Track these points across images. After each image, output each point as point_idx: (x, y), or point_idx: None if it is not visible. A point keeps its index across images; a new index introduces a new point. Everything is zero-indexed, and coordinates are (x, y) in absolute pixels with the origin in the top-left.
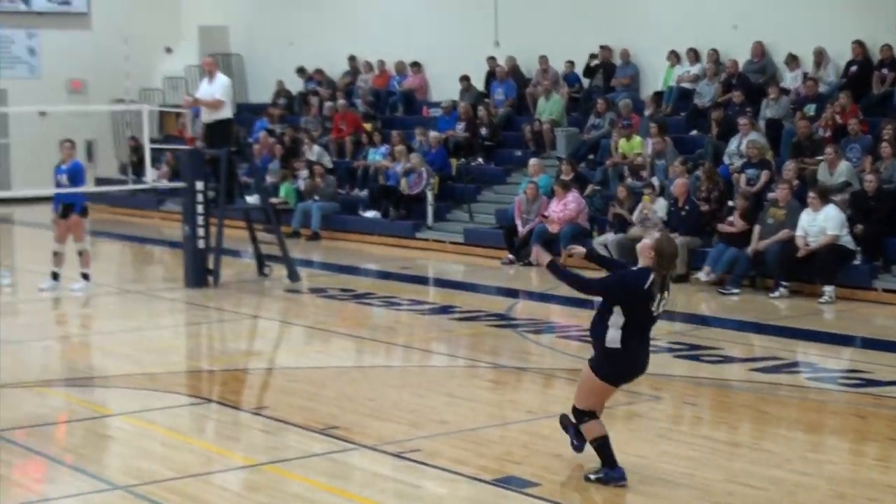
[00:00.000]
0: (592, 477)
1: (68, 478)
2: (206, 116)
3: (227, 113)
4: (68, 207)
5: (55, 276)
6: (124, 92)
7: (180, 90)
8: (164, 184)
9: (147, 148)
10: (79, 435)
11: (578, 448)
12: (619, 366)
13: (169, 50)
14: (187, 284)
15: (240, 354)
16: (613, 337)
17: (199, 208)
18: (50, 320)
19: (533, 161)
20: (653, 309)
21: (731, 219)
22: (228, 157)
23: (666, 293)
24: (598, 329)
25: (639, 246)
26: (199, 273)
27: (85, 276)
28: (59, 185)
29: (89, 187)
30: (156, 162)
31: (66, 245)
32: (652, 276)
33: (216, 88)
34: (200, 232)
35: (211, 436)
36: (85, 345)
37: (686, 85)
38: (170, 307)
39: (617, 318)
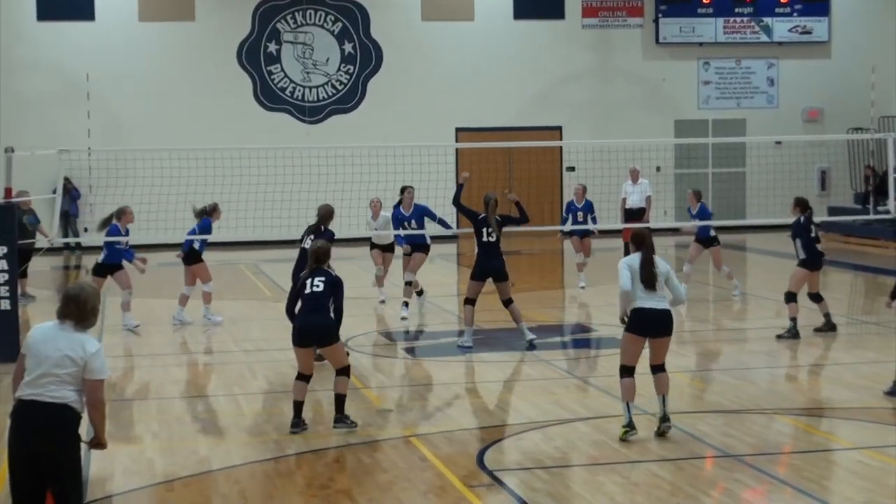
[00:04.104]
0: None
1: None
2: None
3: None
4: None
5: None
6: (868, 120)
7: None
8: None
9: (891, 178)
10: (813, 463)
11: None
12: None
13: None
14: None
15: None
16: None
17: None
18: (780, 349)
19: None
20: None
21: None
22: None
23: None
24: None
25: None
26: None
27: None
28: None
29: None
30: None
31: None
32: None
33: None
34: None
35: None
36: (818, 375)
37: None
38: None
39: None
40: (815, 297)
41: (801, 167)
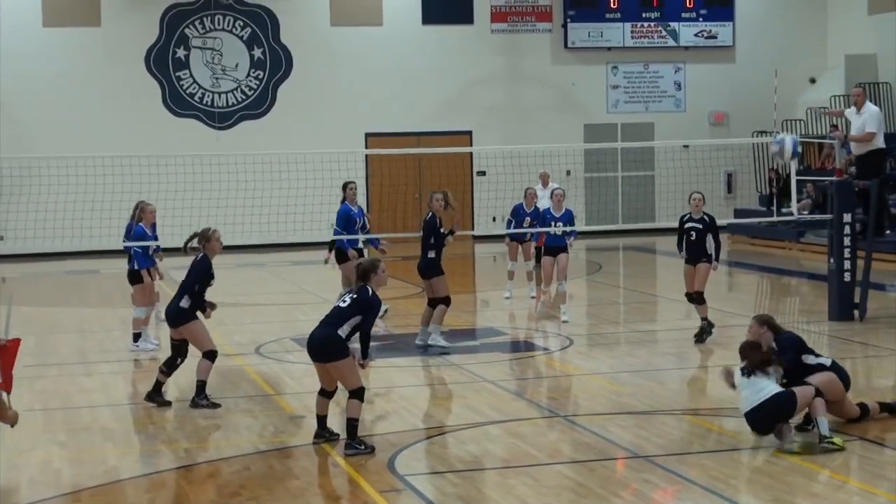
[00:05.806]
0: None
1: (703, 500)
2: (857, 149)
3: (878, 143)
4: None
5: None
6: (772, 124)
7: (823, 121)
8: (807, 215)
9: (793, 179)
10: (721, 463)
11: None
12: None
13: (813, 80)
14: (831, 318)
15: (887, 390)
16: None
17: (846, 241)
18: (690, 351)
19: None
20: None
21: None
22: (879, 188)
23: None
24: None
25: None
26: (845, 307)
27: None
28: None
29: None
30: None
31: None
32: None
33: (866, 119)
34: (846, 265)
35: (856, 473)
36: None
37: None
38: (812, 340)
39: None
40: (701, 298)
41: (708, 170)
